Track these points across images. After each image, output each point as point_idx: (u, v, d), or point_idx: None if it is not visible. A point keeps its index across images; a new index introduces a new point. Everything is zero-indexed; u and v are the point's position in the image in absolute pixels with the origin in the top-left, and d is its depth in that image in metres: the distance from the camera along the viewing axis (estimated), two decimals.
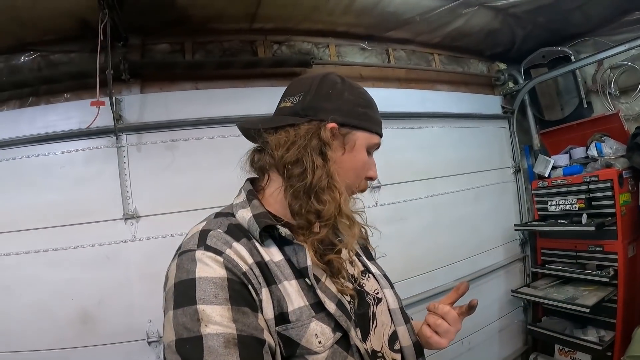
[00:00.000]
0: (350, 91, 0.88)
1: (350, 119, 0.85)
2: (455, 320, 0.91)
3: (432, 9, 2.59)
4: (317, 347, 0.69)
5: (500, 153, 3.49)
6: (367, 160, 0.89)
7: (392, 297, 0.93)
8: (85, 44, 2.12)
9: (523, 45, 3.27)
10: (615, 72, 2.97)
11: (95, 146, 2.11)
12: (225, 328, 0.61)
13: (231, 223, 0.78)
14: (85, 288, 1.99)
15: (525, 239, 3.44)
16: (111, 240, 2.07)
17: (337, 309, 0.74)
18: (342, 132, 0.84)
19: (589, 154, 2.94)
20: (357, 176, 0.88)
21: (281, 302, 0.71)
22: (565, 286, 2.88)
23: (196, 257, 0.68)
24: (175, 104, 2.25)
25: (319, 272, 0.78)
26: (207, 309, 0.62)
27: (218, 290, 0.64)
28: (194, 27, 2.38)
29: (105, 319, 2.00)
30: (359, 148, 0.86)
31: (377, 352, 0.81)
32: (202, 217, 2.12)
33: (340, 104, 0.86)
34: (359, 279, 0.91)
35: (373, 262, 1.02)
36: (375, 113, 0.91)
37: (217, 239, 0.72)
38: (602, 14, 2.79)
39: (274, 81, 2.61)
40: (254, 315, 0.66)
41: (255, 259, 0.72)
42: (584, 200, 2.78)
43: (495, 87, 3.65)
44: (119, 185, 2.11)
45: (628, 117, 2.93)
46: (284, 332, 0.69)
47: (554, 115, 3.43)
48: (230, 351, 0.60)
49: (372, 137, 0.89)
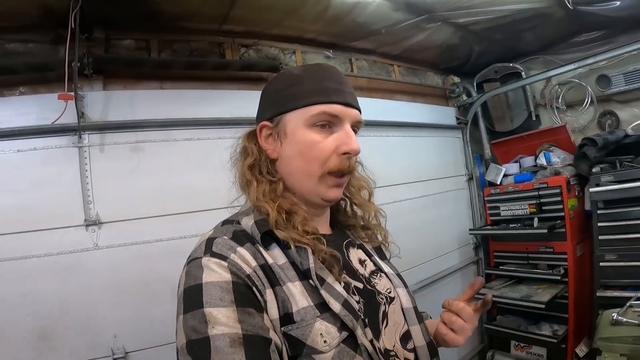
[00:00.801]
0: (275, 82, 0.89)
1: (276, 109, 0.85)
2: (470, 316, 0.92)
3: (399, 21, 2.68)
4: (323, 346, 0.70)
5: (455, 162, 3.68)
6: (316, 138, 0.82)
7: (406, 296, 0.92)
8: (46, 34, 1.96)
9: (477, 60, 3.49)
10: (563, 88, 3.26)
11: (54, 145, 1.93)
12: (231, 328, 0.64)
13: (236, 230, 0.80)
14: (43, 302, 1.81)
15: (479, 242, 3.63)
16: (71, 249, 1.90)
17: (342, 309, 0.74)
18: (274, 125, 0.85)
19: (538, 162, 3.18)
20: (308, 159, 0.83)
21: (286, 303, 0.72)
22: (519, 285, 3.07)
23: (202, 263, 0.71)
24: (141, 103, 2.13)
25: (324, 272, 0.78)
26: (213, 312, 0.65)
27: (224, 293, 0.67)
28: (161, 25, 2.28)
29: (66, 335, 1.82)
30: (293, 131, 0.83)
31: (390, 351, 0.81)
32: (169, 223, 2.06)
33: (267, 101, 0.89)
34: (370, 279, 0.90)
35: (386, 262, 1.02)
36: (305, 84, 0.84)
37: (222, 245, 0.74)
38: (553, 35, 3.07)
39: (241, 85, 2.57)
40: (259, 316, 0.68)
41: (259, 262, 0.74)
42: (535, 205, 2.99)
43: (450, 99, 3.86)
44: (80, 189, 1.95)
45: (574, 129, 3.22)
46: (289, 332, 0.70)
47: (504, 127, 3.69)
48: (236, 350, 0.62)
49: (308, 110, 0.82)
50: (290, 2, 2.28)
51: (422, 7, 2.53)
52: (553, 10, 2.62)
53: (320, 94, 0.82)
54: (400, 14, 2.59)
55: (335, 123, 0.83)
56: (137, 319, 1.97)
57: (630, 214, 2.46)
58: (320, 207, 0.91)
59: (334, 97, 0.82)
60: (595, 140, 2.65)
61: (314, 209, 0.90)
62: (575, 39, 3.10)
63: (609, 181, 2.53)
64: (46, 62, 1.89)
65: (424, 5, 2.50)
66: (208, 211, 2.22)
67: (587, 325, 2.84)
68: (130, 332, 1.94)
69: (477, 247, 3.64)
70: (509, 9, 2.59)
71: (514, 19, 2.73)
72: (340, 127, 0.84)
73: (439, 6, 2.54)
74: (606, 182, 2.55)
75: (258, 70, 2.60)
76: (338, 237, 0.95)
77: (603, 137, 2.66)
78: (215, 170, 2.23)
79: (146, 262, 2.03)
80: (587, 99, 3.10)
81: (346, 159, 0.84)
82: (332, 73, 0.87)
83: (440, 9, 2.57)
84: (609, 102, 3.10)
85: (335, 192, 0.86)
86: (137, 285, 2.00)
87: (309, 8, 2.38)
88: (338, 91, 0.84)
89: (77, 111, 1.87)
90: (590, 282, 2.88)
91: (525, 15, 2.68)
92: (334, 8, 2.40)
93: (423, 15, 2.62)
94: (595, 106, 3.12)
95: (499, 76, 3.52)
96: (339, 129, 0.84)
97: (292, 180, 0.87)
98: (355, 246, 0.97)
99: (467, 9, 2.59)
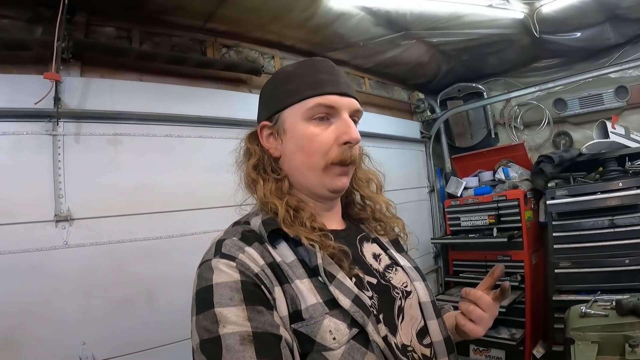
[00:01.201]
0: (271, 82, 0.90)
1: (273, 108, 0.86)
2: (489, 305, 0.88)
3: (377, 36, 2.79)
4: (332, 343, 0.69)
5: (418, 173, 3.84)
6: (315, 130, 0.82)
7: (423, 290, 0.90)
8: (24, 11, 1.83)
9: (443, 79, 3.71)
10: (522, 109, 3.55)
11: (26, 131, 1.77)
12: (241, 327, 0.64)
13: (245, 230, 0.81)
14: (5, 305, 1.64)
15: (438, 251, 3.80)
16: (38, 247, 1.74)
17: (352, 305, 0.73)
18: (273, 124, 0.86)
19: (497, 177, 3.41)
20: (309, 153, 0.83)
21: (295, 300, 0.72)
22: None
23: (212, 265, 0.72)
24: (121, 94, 2.03)
25: (334, 268, 0.77)
26: (223, 311, 0.66)
27: (233, 293, 0.68)
28: (144, 15, 2.20)
29: (29, 342, 1.66)
30: (291, 127, 0.84)
31: (407, 346, 0.80)
32: (145, 222, 2.00)
33: (264, 101, 0.90)
34: (384, 273, 0.88)
35: (403, 255, 0.99)
36: (298, 78, 0.85)
37: (230, 246, 0.75)
38: (515, 59, 3.35)
39: (220, 85, 2.55)
40: (269, 313, 0.69)
41: (267, 261, 0.75)
42: (494, 216, 3.19)
43: (415, 113, 4.05)
44: (52, 181, 1.80)
45: (531, 147, 3.51)
46: (299, 329, 0.70)
47: (465, 143, 3.93)
48: (246, 348, 0.62)
49: (304, 104, 0.82)
50: (279, 6, 2.30)
51: (401, 25, 2.66)
52: (519, 37, 2.88)
53: (314, 87, 0.82)
54: (380, 29, 2.70)
55: (333, 114, 0.83)
56: (108, 325, 1.85)
57: (582, 225, 2.71)
58: (328, 200, 0.90)
59: (327, 88, 0.82)
60: (551, 158, 2.90)
61: (322, 203, 0.89)
62: (535, 64, 3.41)
63: (563, 195, 2.77)
64: (21, 41, 1.76)
65: (403, 22, 2.63)
66: (187, 211, 2.16)
67: (543, 328, 3.07)
68: (101, 338, 1.81)
69: (436, 256, 3.80)
70: (480, 33, 2.79)
71: (482, 42, 2.95)
72: (339, 117, 0.83)
73: (417, 25, 2.68)
74: (561, 196, 2.79)
75: (240, 71, 2.59)
76: (351, 232, 0.94)
77: (559, 155, 2.92)
78: (196, 169, 2.21)
79: (119, 263, 1.93)
80: (544, 120, 3.40)
81: (347, 148, 0.83)
82: (324, 65, 0.87)
83: (417, 27, 2.71)
84: (564, 123, 3.41)
85: (341, 181, 0.86)
86: (109, 288, 1.88)
87: (295, 14, 2.41)
88: (332, 82, 0.84)
89: (56, 95, 1.75)
90: (544, 288, 3.12)
91: (492, 39, 2.90)
92: (318, 17, 2.45)
93: (401, 32, 2.75)
94: (551, 127, 3.42)
95: (462, 95, 3.76)
96: (338, 120, 0.83)
97: (297, 175, 0.86)
98: (369, 240, 0.96)
99: (442, 30, 2.75)
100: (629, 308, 1.57)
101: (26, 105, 1.73)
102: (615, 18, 2.71)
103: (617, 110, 3.07)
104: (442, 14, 2.54)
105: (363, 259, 0.88)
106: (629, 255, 2.51)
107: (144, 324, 1.94)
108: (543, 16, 2.56)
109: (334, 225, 0.91)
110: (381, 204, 1.02)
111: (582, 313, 1.69)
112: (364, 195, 1.01)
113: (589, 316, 1.67)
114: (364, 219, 1.01)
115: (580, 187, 2.75)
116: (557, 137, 3.44)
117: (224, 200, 0.91)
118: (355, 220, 1.01)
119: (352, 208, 1.02)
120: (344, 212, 0.99)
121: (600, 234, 2.64)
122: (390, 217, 1.02)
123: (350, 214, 1.01)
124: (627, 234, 2.54)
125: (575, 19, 2.67)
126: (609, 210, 2.62)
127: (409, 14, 2.52)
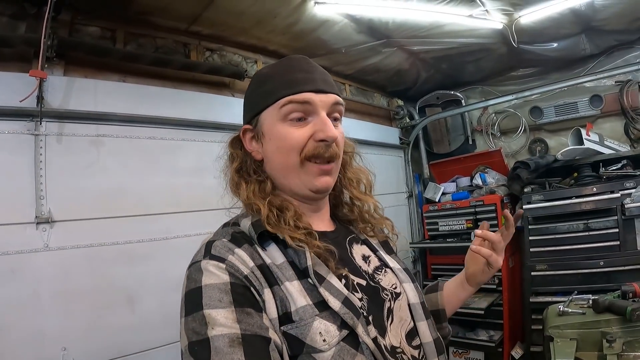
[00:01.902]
0: (250, 85, 0.90)
1: (252, 111, 0.86)
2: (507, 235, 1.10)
3: (359, 43, 2.84)
4: (322, 345, 0.69)
5: (397, 179, 3.89)
6: (290, 130, 0.81)
7: (413, 291, 0.90)
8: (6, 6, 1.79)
9: (422, 86, 3.80)
10: (498, 117, 3.66)
11: (7, 130, 1.73)
12: (229, 329, 0.64)
13: (235, 231, 0.81)
14: None
15: (417, 256, 3.84)
16: (18, 249, 1.69)
17: (342, 306, 0.73)
18: (253, 127, 0.86)
19: (474, 182, 3.49)
20: (285, 152, 0.82)
21: (284, 302, 0.72)
22: None
23: (202, 266, 0.72)
24: (104, 94, 2.01)
25: (323, 270, 0.77)
26: (212, 313, 0.66)
27: (222, 294, 0.68)
28: (129, 16, 2.19)
29: (8, 348, 1.61)
30: (269, 128, 0.83)
31: (397, 347, 0.80)
32: (127, 224, 1.97)
33: (246, 105, 0.90)
34: (373, 275, 0.88)
35: (393, 256, 0.99)
36: (273, 79, 0.84)
37: (220, 248, 0.75)
38: (492, 68, 3.46)
39: (203, 88, 2.54)
40: (258, 315, 0.68)
41: (257, 263, 0.74)
42: (471, 220, 3.27)
43: (394, 120, 4.11)
44: (33, 182, 1.76)
45: (507, 154, 3.61)
46: (289, 331, 0.70)
47: (442, 149, 4.02)
48: (235, 350, 0.62)
49: (279, 104, 0.81)
50: (263, 11, 2.31)
51: (383, 32, 2.72)
52: (497, 47, 2.97)
53: (288, 86, 0.81)
54: (363, 36, 2.75)
55: (310, 113, 0.82)
56: (88, 330, 1.80)
57: (557, 228, 2.79)
58: (313, 200, 0.88)
59: (302, 86, 0.81)
60: (528, 164, 2.99)
61: (308, 204, 0.88)
62: (512, 73, 3.53)
63: (539, 200, 2.86)
64: (4, 37, 1.72)
65: (385, 30, 2.69)
66: (169, 215, 2.14)
67: (521, 329, 3.13)
68: (81, 344, 1.77)
69: (415, 260, 3.84)
70: (459, 42, 2.88)
71: (461, 51, 3.04)
72: (316, 115, 0.82)
73: (398, 33, 2.74)
74: (537, 200, 2.87)
75: (223, 75, 2.59)
76: (341, 233, 0.93)
77: (535, 161, 3.02)
78: (179, 173, 2.19)
79: (100, 266, 1.89)
80: (520, 127, 3.51)
81: (324, 145, 0.81)
82: (301, 63, 0.86)
83: (399, 35, 2.77)
84: (540, 130, 3.53)
85: (323, 181, 0.84)
86: (90, 291, 1.84)
87: (279, 20, 2.43)
88: (307, 79, 0.82)
89: (39, 94, 1.71)
90: (521, 290, 3.19)
91: (471, 48, 2.99)
92: (302, 23, 2.48)
93: (382, 39, 2.81)
94: (527, 134, 3.54)
95: (440, 102, 3.85)
96: (315, 118, 0.82)
97: (279, 177, 0.86)
98: (359, 242, 0.95)
99: (422, 38, 2.82)
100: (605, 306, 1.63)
101: (8, 104, 1.69)
102: (591, 30, 2.83)
103: (592, 118, 3.19)
104: (424, 23, 2.61)
105: (353, 261, 0.87)
106: (603, 257, 2.60)
107: (126, 329, 1.91)
108: (521, 27, 2.66)
109: (322, 226, 0.90)
110: (370, 205, 1.01)
111: (560, 312, 1.74)
112: (352, 195, 0.99)
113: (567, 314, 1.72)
114: (353, 220, 1.00)
115: (556, 192, 2.84)
116: (533, 143, 3.55)
117: (206, 203, 0.93)
118: (344, 222, 1.00)
119: (340, 209, 1.01)
120: (332, 213, 0.98)
121: (575, 237, 2.73)
122: (378, 218, 1.02)
123: (338, 215, 1.00)
124: (601, 237, 2.63)
125: (552, 30, 2.78)
126: (583, 214, 2.71)
127: (391, 22, 2.58)
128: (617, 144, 2.97)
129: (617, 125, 3.12)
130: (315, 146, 0.81)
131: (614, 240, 2.59)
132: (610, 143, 2.94)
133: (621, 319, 1.56)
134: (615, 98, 3.00)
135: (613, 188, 2.63)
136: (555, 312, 1.76)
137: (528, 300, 2.84)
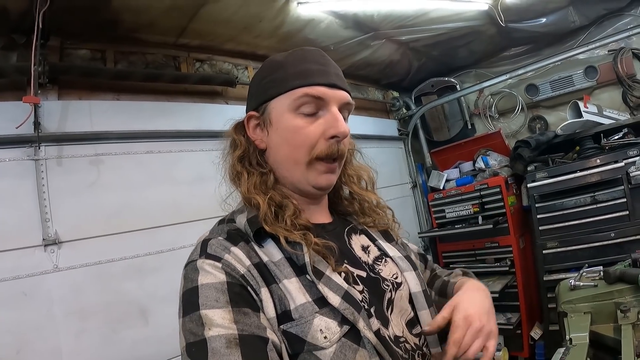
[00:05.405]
0: (260, 71, 0.87)
1: (260, 97, 0.84)
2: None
3: (346, 39, 2.84)
4: (323, 342, 0.69)
5: (399, 170, 3.88)
6: (301, 123, 0.80)
7: (414, 280, 0.88)
8: None
9: (415, 76, 3.78)
10: (495, 98, 3.63)
11: (7, 158, 1.77)
12: (226, 329, 0.64)
13: (230, 229, 0.80)
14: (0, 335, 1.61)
15: (427, 245, 3.82)
16: (28, 272, 1.72)
17: (342, 302, 0.71)
18: (260, 114, 0.84)
19: (477, 166, 3.47)
20: (294, 146, 0.81)
21: (283, 301, 0.71)
22: None
23: (198, 266, 0.72)
24: (99, 114, 2.05)
25: (322, 265, 0.76)
26: (209, 313, 0.65)
27: (219, 294, 0.67)
28: (117, 35, 2.22)
29: None
30: (278, 118, 0.81)
31: (400, 337, 0.79)
32: (133, 239, 1.99)
33: (253, 90, 0.88)
34: (373, 266, 0.87)
35: (393, 244, 0.97)
36: (287, 69, 0.81)
37: (216, 246, 0.74)
38: (484, 50, 3.44)
39: (196, 98, 2.57)
40: (255, 315, 0.68)
41: (253, 261, 0.74)
42: (477, 204, 3.25)
43: (391, 112, 4.10)
44: (37, 205, 1.80)
45: (508, 134, 3.59)
46: (289, 329, 0.69)
47: (442, 136, 4.00)
48: (232, 351, 0.62)
49: (291, 95, 0.79)
50: (248, 16, 2.32)
51: (369, 26, 2.71)
52: (486, 28, 2.96)
53: (302, 77, 0.79)
54: (350, 31, 2.74)
55: (321, 107, 0.80)
56: (105, 345, 1.83)
57: (564, 204, 2.76)
58: (314, 196, 0.88)
59: (316, 78, 0.79)
60: (528, 142, 2.96)
61: (308, 199, 0.88)
62: (504, 53, 3.51)
63: (544, 177, 2.83)
64: None
65: (371, 23, 2.69)
66: (173, 226, 2.16)
67: (538, 309, 3.10)
68: None
69: (425, 249, 3.82)
70: (447, 27, 2.86)
71: (451, 36, 3.02)
72: (327, 110, 0.80)
73: (385, 24, 2.73)
74: (541, 178, 2.84)
75: (214, 83, 2.61)
76: (339, 225, 0.93)
77: (535, 139, 2.99)
78: (180, 183, 2.21)
79: (111, 282, 1.92)
80: (517, 107, 3.48)
81: (334, 142, 0.80)
82: (315, 55, 0.84)
83: (386, 27, 2.77)
84: (538, 108, 3.50)
85: (327, 179, 0.83)
86: (103, 308, 1.86)
87: (265, 24, 2.45)
88: (321, 72, 0.81)
89: (35, 120, 1.74)
90: (534, 270, 3.17)
91: (460, 32, 2.98)
92: (288, 24, 2.49)
93: (369, 32, 2.81)
94: (526, 112, 3.51)
95: (436, 89, 3.83)
96: (326, 113, 0.80)
97: (282, 169, 0.84)
98: (357, 232, 0.94)
99: (410, 27, 2.81)
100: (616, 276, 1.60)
101: (6, 132, 1.73)
102: (578, 1, 2.81)
103: (588, 90, 3.15)
104: (409, 11, 2.60)
105: (352, 252, 0.87)
106: (613, 229, 2.57)
107: (141, 341, 1.93)
108: (507, 5, 2.64)
109: (320, 218, 0.90)
110: (371, 199, 1.00)
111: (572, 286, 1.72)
112: (352, 190, 0.99)
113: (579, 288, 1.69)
114: (352, 212, 0.99)
115: (559, 168, 2.81)
116: (532, 121, 3.52)
117: (209, 212, 0.91)
118: (343, 214, 0.99)
119: (339, 204, 1.00)
120: (331, 206, 0.98)
121: (583, 211, 2.70)
122: (380, 213, 1.01)
123: (338, 208, 1.00)
124: (610, 209, 2.60)
125: (538, 5, 2.76)
126: (589, 187, 2.68)
127: (376, 15, 2.57)
128: (616, 113, 2.92)
129: (614, 94, 3.08)
130: (327, 146, 0.80)
131: (622, 211, 2.56)
132: (609, 113, 2.90)
133: (634, 287, 1.52)
134: (610, 67, 2.96)
135: (617, 158, 2.59)
136: (567, 287, 1.73)
137: (542, 279, 2.81)
